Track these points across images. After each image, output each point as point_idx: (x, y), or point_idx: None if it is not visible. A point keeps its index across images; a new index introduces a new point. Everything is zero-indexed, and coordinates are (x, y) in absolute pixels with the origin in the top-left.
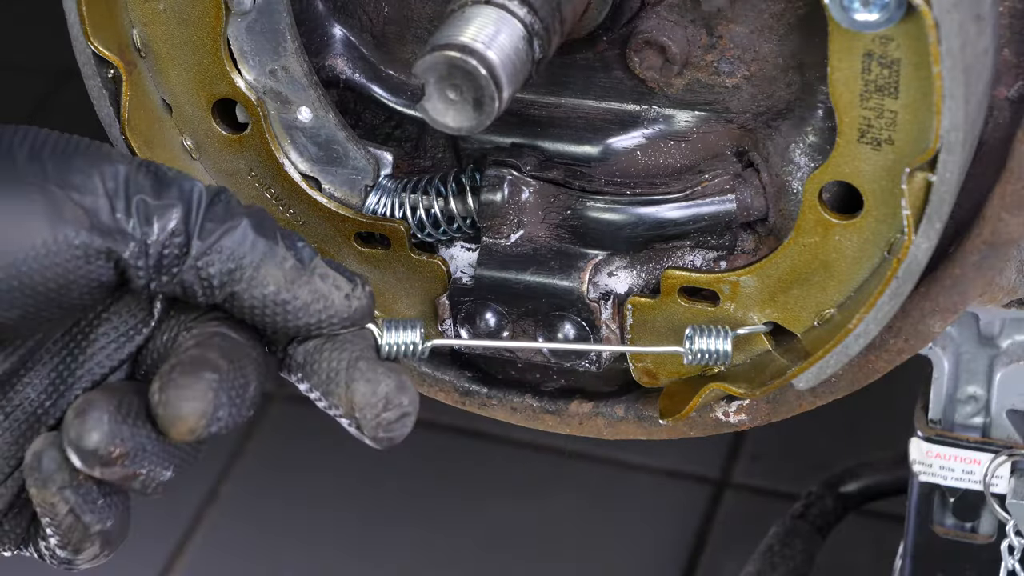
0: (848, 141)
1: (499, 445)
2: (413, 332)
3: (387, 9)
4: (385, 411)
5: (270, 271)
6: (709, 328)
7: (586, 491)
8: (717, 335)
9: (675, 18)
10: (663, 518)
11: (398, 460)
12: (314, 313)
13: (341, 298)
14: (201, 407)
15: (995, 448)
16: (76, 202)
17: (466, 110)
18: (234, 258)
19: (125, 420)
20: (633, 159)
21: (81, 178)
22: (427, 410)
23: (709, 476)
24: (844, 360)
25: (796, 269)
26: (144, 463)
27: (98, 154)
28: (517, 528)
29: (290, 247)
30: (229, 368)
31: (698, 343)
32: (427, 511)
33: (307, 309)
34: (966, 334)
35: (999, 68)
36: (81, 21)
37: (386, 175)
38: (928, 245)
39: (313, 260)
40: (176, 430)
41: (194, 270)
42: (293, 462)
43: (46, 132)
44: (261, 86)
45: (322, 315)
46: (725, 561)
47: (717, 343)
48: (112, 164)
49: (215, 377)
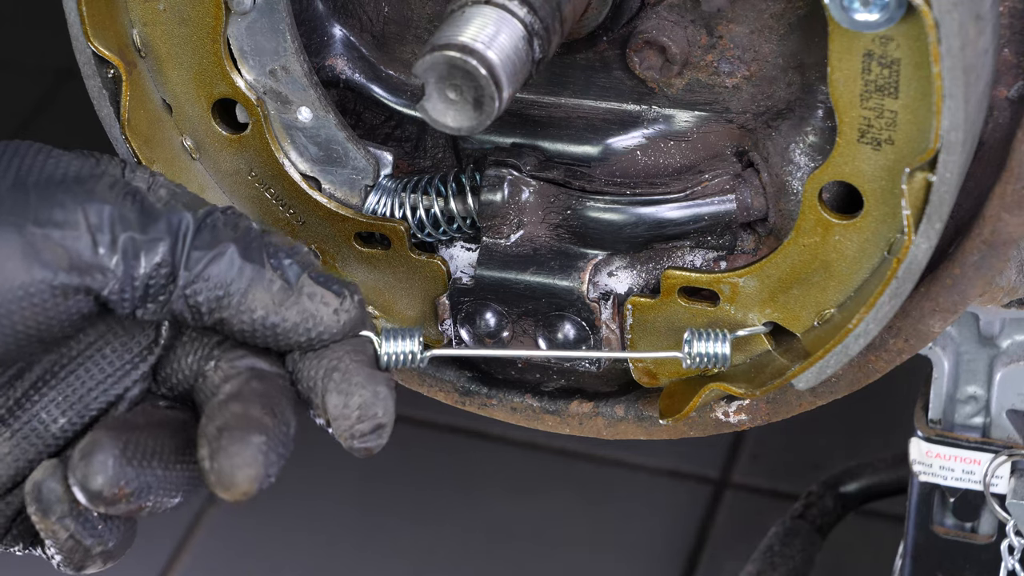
0: (848, 141)
1: (499, 445)
2: (412, 341)
3: (387, 9)
4: (358, 423)
5: (257, 296)
6: (707, 332)
7: (586, 491)
8: (715, 338)
9: (675, 18)
10: (663, 518)
11: (398, 460)
12: (303, 332)
13: (330, 314)
14: (254, 472)
15: (995, 448)
16: (56, 241)
17: (466, 110)
18: (221, 285)
19: (131, 462)
20: (633, 159)
21: (64, 214)
22: (427, 410)
23: (709, 476)
24: (844, 360)
25: (796, 269)
26: (150, 497)
27: (84, 187)
28: (517, 527)
29: (276, 267)
30: (274, 424)
31: (696, 347)
32: (427, 510)
33: (296, 330)
34: (966, 334)
35: (999, 68)
36: (81, 21)
37: (386, 175)
38: (928, 245)
39: (300, 279)
40: (231, 495)
41: (182, 299)
42: (294, 462)
43: (35, 153)
44: (261, 86)
45: (311, 333)
46: (725, 561)
47: (716, 346)
48: (97, 200)
49: (263, 440)
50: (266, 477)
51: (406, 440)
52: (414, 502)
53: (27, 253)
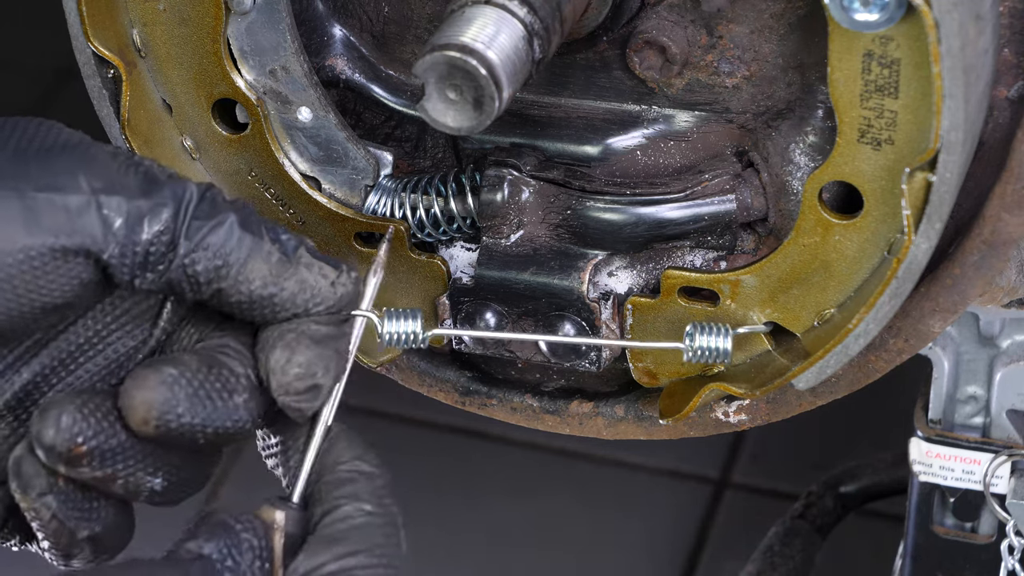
0: (848, 141)
1: (499, 445)
2: (413, 321)
3: (387, 9)
4: (296, 380)
5: (256, 266)
6: (709, 326)
7: (586, 491)
8: (717, 333)
9: (675, 18)
10: (663, 518)
11: (398, 459)
12: (301, 303)
13: (327, 286)
14: (151, 396)
15: (995, 448)
16: (58, 204)
17: (466, 110)
18: (220, 255)
19: (88, 418)
20: (633, 159)
21: (66, 178)
22: (427, 410)
23: (709, 476)
24: (844, 360)
25: (796, 269)
26: (120, 464)
27: (86, 153)
28: (517, 528)
29: (275, 240)
30: (199, 368)
31: (699, 340)
32: (427, 511)
33: (293, 300)
34: (966, 334)
35: (999, 68)
36: (81, 21)
37: (386, 175)
38: (928, 245)
39: (298, 251)
40: (130, 419)
41: (181, 268)
42: None
43: (36, 125)
44: (261, 86)
45: (308, 304)
46: (725, 561)
47: (717, 341)
48: (99, 163)
49: (173, 372)
50: (171, 412)
51: (406, 440)
52: (414, 502)
53: (28, 218)
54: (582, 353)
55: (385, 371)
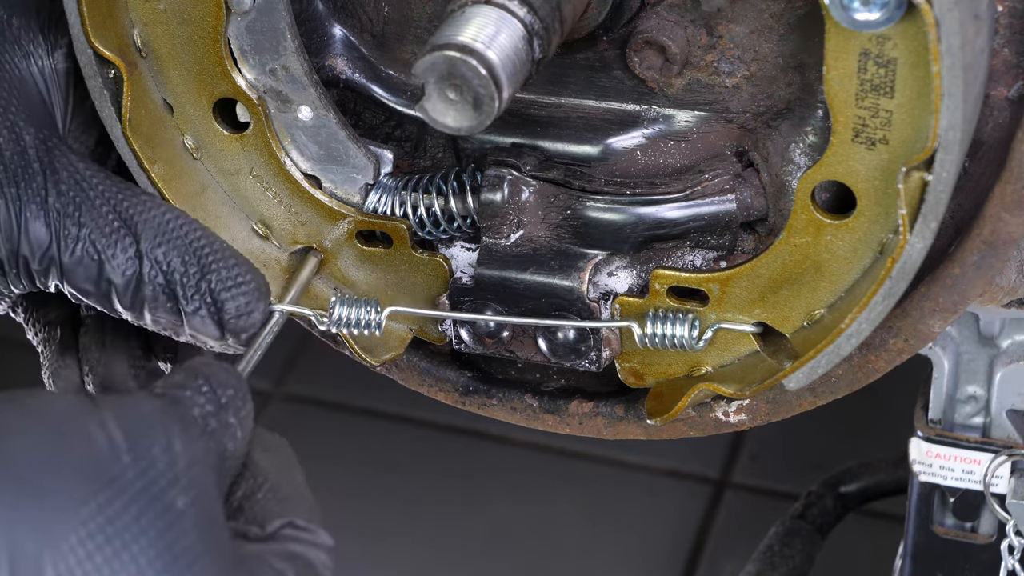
0: (842, 140)
1: (499, 445)
2: (368, 308)
3: (387, 9)
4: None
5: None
6: (672, 313)
7: (586, 491)
8: (676, 321)
9: (675, 18)
10: (663, 518)
11: (398, 459)
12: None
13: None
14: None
15: (995, 448)
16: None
17: (466, 110)
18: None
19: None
20: (633, 159)
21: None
22: (427, 410)
23: (709, 476)
24: (835, 360)
25: (787, 269)
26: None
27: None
28: (517, 528)
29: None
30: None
31: (651, 327)
32: (427, 511)
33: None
34: (966, 334)
35: (999, 68)
36: (81, 21)
37: (386, 173)
38: (923, 245)
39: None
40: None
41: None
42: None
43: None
44: (262, 85)
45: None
46: (725, 561)
47: (674, 328)
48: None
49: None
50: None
51: (406, 440)
52: (414, 502)
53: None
54: (582, 353)
55: (385, 371)
